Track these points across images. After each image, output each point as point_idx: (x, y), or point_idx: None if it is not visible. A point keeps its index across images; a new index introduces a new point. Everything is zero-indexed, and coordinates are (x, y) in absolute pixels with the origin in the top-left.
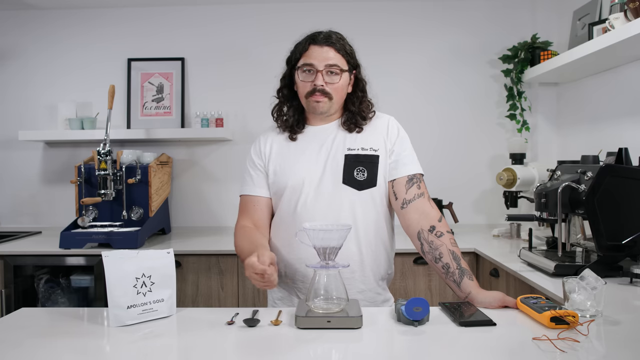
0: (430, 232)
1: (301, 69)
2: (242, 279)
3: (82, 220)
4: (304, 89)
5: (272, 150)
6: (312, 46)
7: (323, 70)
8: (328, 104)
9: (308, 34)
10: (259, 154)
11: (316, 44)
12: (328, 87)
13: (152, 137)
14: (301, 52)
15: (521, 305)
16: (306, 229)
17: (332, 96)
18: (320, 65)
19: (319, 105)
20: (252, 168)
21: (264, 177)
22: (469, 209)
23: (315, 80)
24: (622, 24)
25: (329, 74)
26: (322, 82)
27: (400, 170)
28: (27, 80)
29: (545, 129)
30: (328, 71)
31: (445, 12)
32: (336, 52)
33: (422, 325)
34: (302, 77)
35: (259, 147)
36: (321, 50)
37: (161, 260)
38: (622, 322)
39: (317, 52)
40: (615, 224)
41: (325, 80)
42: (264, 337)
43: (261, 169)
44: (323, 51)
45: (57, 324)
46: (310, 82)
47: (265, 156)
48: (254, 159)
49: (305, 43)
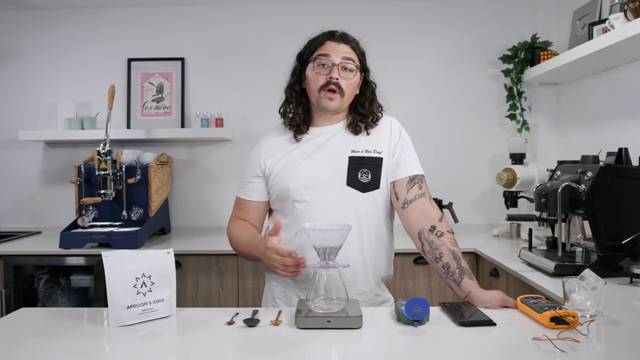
0: (431, 231)
1: (317, 60)
2: (242, 279)
3: (82, 220)
4: (317, 82)
5: (273, 152)
6: (329, 42)
7: (339, 65)
8: (340, 101)
9: (324, 32)
10: (257, 162)
11: (333, 40)
12: (342, 82)
13: (152, 137)
14: (317, 46)
15: (521, 305)
16: (306, 229)
17: (345, 92)
18: (337, 59)
19: (331, 103)
20: (250, 172)
21: (260, 182)
22: (469, 209)
23: (330, 73)
24: (622, 24)
25: (344, 69)
26: (337, 75)
27: (401, 171)
28: (27, 80)
29: (545, 129)
30: (343, 67)
31: (445, 12)
32: (352, 49)
33: (422, 325)
34: (317, 70)
35: (259, 152)
36: (338, 46)
37: (161, 260)
38: (622, 322)
39: (334, 47)
40: (615, 224)
41: (340, 75)
42: (264, 337)
43: (259, 174)
44: (340, 46)
45: (57, 324)
46: (325, 74)
47: (266, 165)
48: (252, 166)
49: (322, 38)
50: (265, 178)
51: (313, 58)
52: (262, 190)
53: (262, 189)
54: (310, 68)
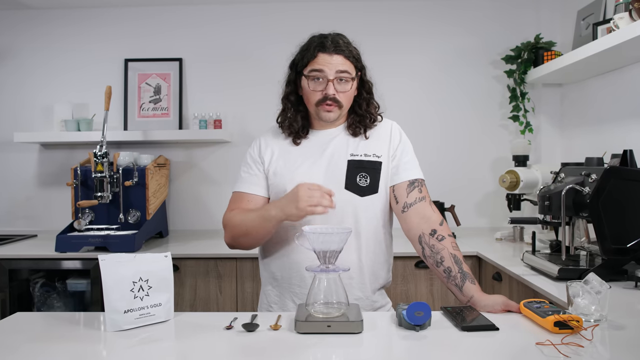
0: (432, 235)
1: (310, 77)
2: (241, 283)
3: (79, 224)
4: (314, 97)
5: (272, 154)
6: (321, 54)
7: (334, 79)
8: (338, 112)
9: (314, 39)
10: (257, 158)
11: (325, 52)
12: (339, 95)
13: (149, 138)
14: (309, 59)
15: (524, 310)
16: (306, 232)
17: (343, 104)
18: (330, 74)
19: (330, 115)
20: (250, 168)
21: (262, 178)
22: (471, 212)
23: (326, 90)
24: (627, 23)
25: (339, 81)
26: (333, 91)
27: (401, 175)
28: (23, 81)
29: (549, 131)
30: (338, 79)
31: (447, 12)
32: (345, 58)
33: (423, 330)
34: (312, 86)
35: (258, 151)
36: (330, 59)
37: (158, 264)
38: (627, 326)
39: (327, 60)
40: (620, 227)
41: (336, 89)
42: (263, 342)
43: (260, 170)
44: (332, 59)
45: (52, 328)
46: (321, 91)
47: (265, 161)
48: (252, 161)
49: (313, 50)
50: (265, 172)
51: (307, 74)
52: (264, 185)
53: (264, 184)
54: (304, 82)
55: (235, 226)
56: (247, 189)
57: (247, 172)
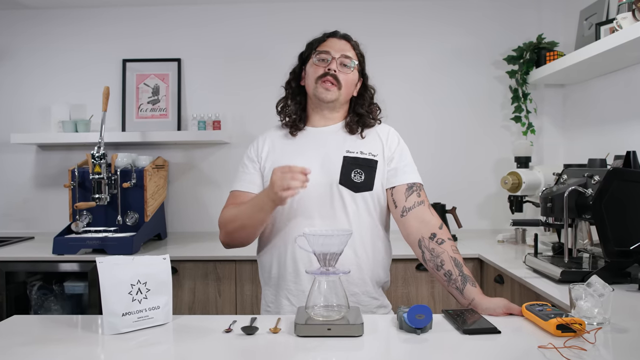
0: (431, 239)
1: (316, 54)
2: (240, 286)
3: (76, 226)
4: (316, 73)
5: (269, 148)
6: (330, 38)
7: (338, 59)
8: (337, 94)
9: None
10: (255, 154)
11: (334, 37)
12: (340, 75)
13: (147, 140)
14: (319, 42)
15: (526, 313)
16: (306, 234)
17: (342, 85)
18: (336, 54)
19: (328, 94)
20: (246, 167)
21: (258, 176)
22: (473, 214)
23: (329, 65)
24: (630, 23)
25: (342, 65)
26: (335, 67)
27: (399, 178)
28: (20, 81)
29: (551, 132)
30: (342, 63)
31: (448, 12)
32: (352, 47)
33: (424, 333)
34: (316, 62)
35: (256, 147)
36: (339, 42)
37: (157, 266)
38: (630, 329)
39: (335, 43)
40: (623, 229)
41: (338, 69)
42: (263, 346)
43: (256, 169)
44: (341, 43)
45: (50, 331)
46: (324, 67)
47: (262, 156)
48: (249, 161)
49: (323, 36)
50: (261, 170)
51: (314, 53)
52: (259, 183)
53: (260, 182)
54: (310, 63)
55: (230, 221)
56: (243, 187)
57: (243, 172)
